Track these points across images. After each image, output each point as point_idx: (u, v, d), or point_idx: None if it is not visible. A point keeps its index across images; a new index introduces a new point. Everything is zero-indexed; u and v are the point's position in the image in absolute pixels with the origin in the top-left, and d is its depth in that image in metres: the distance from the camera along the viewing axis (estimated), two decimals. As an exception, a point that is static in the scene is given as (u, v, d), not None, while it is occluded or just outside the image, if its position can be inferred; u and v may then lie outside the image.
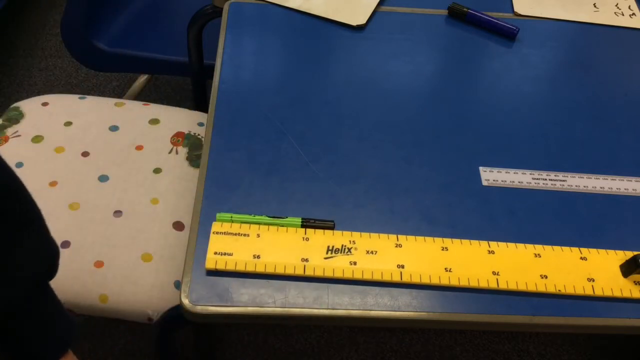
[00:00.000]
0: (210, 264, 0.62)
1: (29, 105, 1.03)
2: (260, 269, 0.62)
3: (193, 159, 0.98)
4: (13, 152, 0.95)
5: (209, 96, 0.82)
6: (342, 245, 0.65)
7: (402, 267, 0.64)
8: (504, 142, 0.79)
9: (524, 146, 0.79)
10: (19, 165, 0.93)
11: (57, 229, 0.86)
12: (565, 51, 0.95)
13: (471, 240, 0.67)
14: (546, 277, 0.64)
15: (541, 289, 0.63)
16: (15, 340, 0.55)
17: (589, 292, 0.64)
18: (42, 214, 0.56)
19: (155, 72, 1.30)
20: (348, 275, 0.63)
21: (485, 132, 0.80)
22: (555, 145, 0.80)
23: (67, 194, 0.90)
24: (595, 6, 1.04)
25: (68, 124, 1.00)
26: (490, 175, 0.75)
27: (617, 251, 0.68)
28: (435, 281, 0.63)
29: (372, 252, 0.65)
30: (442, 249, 0.66)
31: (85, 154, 0.96)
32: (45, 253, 0.56)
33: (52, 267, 0.57)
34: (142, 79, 1.71)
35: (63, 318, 0.59)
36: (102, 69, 1.34)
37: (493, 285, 0.63)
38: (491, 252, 0.66)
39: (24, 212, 0.54)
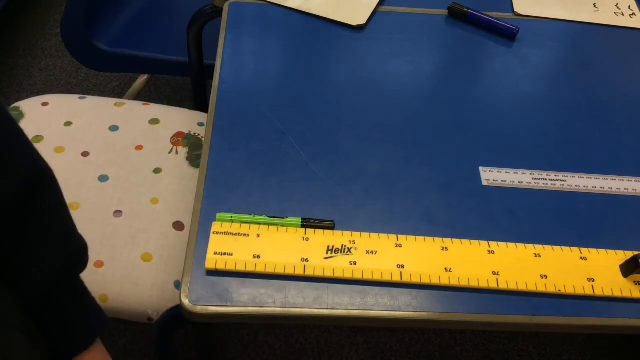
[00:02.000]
0: (210, 264, 0.62)
1: (29, 105, 1.03)
2: (260, 269, 0.62)
3: (193, 159, 0.98)
4: (13, 152, 0.95)
5: (209, 96, 0.82)
6: (342, 245, 0.65)
7: (402, 267, 0.64)
8: (504, 142, 0.79)
9: (524, 146, 0.79)
10: (19, 165, 0.93)
11: (57, 229, 0.86)
12: (565, 51, 0.95)
13: (471, 240, 0.67)
14: (546, 277, 0.64)
15: (541, 289, 0.63)
16: (47, 327, 0.56)
17: (589, 292, 0.64)
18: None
19: (155, 72, 1.30)
20: (348, 275, 0.63)
21: (485, 132, 0.80)
22: (555, 145, 0.80)
23: (67, 194, 0.90)
24: (595, 6, 1.04)
25: (68, 124, 1.00)
26: (490, 175, 0.75)
27: (617, 251, 0.68)
28: (435, 281, 0.63)
29: (372, 252, 0.65)
30: (442, 249, 0.66)
31: (85, 154, 0.96)
32: (74, 244, 0.58)
33: (82, 259, 0.59)
34: (142, 79, 1.71)
35: (92, 308, 0.61)
36: (102, 69, 1.33)
37: (493, 285, 0.63)
38: (491, 252, 0.66)
39: (54, 204, 0.57)
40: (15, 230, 0.54)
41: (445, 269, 0.64)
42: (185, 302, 0.61)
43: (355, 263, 0.63)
